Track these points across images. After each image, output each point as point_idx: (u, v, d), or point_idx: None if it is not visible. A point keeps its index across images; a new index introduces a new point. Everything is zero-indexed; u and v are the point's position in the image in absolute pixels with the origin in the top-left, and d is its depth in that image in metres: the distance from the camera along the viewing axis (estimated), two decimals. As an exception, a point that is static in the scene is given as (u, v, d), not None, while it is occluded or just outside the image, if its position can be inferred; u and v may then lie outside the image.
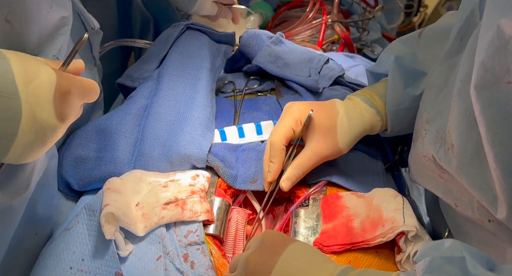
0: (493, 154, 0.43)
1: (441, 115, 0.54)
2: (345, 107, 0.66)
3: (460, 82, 0.49)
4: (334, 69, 0.83)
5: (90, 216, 0.58)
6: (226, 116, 0.78)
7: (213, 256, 0.57)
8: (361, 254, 0.57)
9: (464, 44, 0.54)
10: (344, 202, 0.61)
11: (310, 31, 1.15)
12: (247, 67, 0.87)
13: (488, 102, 0.42)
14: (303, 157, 0.62)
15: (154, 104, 0.71)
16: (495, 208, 0.45)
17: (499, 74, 0.41)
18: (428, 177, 0.58)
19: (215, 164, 0.65)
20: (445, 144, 0.52)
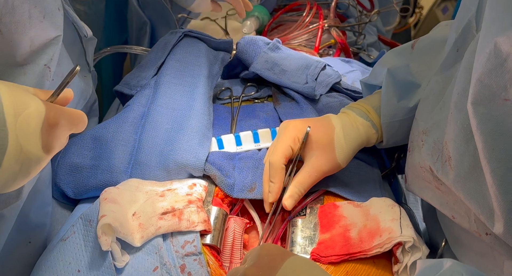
0: (490, 170, 0.43)
1: (438, 127, 0.54)
2: (340, 122, 0.66)
3: (457, 95, 0.50)
4: (331, 76, 0.82)
5: (86, 226, 0.58)
6: (223, 124, 0.77)
7: (210, 266, 0.57)
8: (359, 264, 0.57)
9: (460, 55, 0.54)
10: (341, 211, 0.61)
11: (306, 35, 1.15)
12: (244, 74, 0.87)
13: (485, 118, 0.43)
14: (303, 173, 0.63)
15: (151, 112, 0.70)
16: (492, 222, 0.46)
17: (495, 91, 0.41)
18: (425, 187, 0.58)
19: (212, 173, 0.65)
20: (443, 155, 0.52)
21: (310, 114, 0.76)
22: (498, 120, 0.42)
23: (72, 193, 0.67)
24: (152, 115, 0.70)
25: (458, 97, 0.49)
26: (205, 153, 0.67)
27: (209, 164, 0.66)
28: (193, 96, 0.72)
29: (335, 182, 0.66)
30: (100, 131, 0.69)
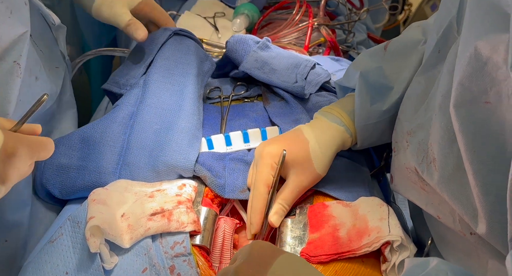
0: (472, 171, 0.44)
1: (423, 128, 0.55)
2: (313, 133, 0.66)
3: (441, 97, 0.50)
4: (321, 75, 0.83)
5: (75, 228, 0.57)
6: (213, 123, 0.77)
7: (199, 267, 0.57)
8: (348, 263, 0.57)
9: (442, 56, 0.55)
10: (330, 211, 0.62)
11: (296, 34, 1.15)
12: (233, 73, 0.87)
13: (467, 120, 0.43)
14: (286, 191, 0.63)
15: (140, 112, 0.70)
16: (475, 223, 0.46)
17: (476, 94, 0.42)
18: (411, 188, 0.59)
19: (203, 174, 0.65)
20: (427, 157, 0.52)
21: (299, 114, 0.76)
22: (479, 122, 0.42)
23: (59, 193, 0.66)
24: (140, 115, 0.70)
25: (442, 99, 0.50)
26: (195, 154, 0.66)
27: (199, 164, 0.66)
28: (182, 95, 0.72)
29: (325, 182, 0.66)
30: (88, 131, 0.69)
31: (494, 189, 0.42)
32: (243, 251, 0.48)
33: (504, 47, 0.38)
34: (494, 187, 0.42)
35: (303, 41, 1.14)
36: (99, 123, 0.69)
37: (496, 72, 0.39)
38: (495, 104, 0.40)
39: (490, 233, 0.44)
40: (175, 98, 0.72)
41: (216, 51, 1.10)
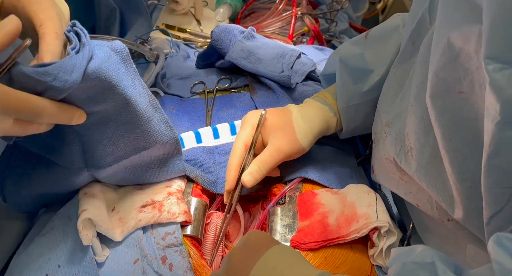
0: (449, 159, 0.45)
1: (399, 118, 0.56)
2: (298, 107, 0.67)
3: (416, 88, 0.51)
4: (306, 64, 0.83)
5: (66, 221, 0.57)
6: (200, 115, 0.77)
7: (191, 257, 0.57)
8: (337, 249, 0.58)
9: (416, 48, 0.56)
10: (319, 199, 0.63)
11: (280, 23, 1.15)
12: (220, 63, 0.86)
13: (442, 110, 0.44)
14: (264, 153, 0.63)
15: None
16: (452, 209, 0.48)
17: (451, 84, 0.43)
18: (390, 178, 0.60)
19: (194, 175, 0.64)
20: (404, 146, 0.54)
21: (286, 103, 0.77)
22: (454, 112, 0.44)
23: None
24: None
25: (417, 90, 0.51)
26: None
27: (189, 165, 0.65)
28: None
29: (313, 169, 0.67)
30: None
31: (469, 176, 0.44)
32: (241, 239, 0.49)
33: (475, 38, 0.39)
34: (469, 173, 0.44)
35: (286, 30, 1.14)
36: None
37: (468, 62, 0.40)
38: (468, 93, 0.42)
39: (466, 218, 0.46)
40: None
41: (200, 41, 1.09)
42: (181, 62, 0.92)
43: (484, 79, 0.38)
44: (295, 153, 0.65)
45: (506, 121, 0.35)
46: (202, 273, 0.56)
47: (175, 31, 1.10)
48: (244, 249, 0.46)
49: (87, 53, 0.47)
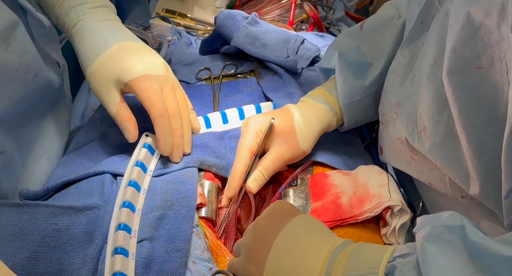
0: (466, 135, 0.46)
1: (410, 99, 0.57)
2: (299, 110, 0.67)
3: (429, 67, 0.52)
4: (311, 49, 0.84)
5: None
6: (207, 101, 0.77)
7: (207, 238, 0.58)
8: (350, 228, 0.59)
9: (425, 27, 0.57)
10: (331, 180, 0.64)
11: (279, 10, 1.15)
12: (225, 48, 0.86)
13: (460, 87, 0.45)
14: (267, 160, 0.63)
15: None
16: (467, 185, 0.49)
17: (469, 60, 0.43)
18: (401, 158, 0.61)
19: (206, 166, 0.64)
20: (417, 126, 0.55)
21: (292, 88, 0.77)
22: (472, 88, 0.44)
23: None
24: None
25: (430, 69, 0.52)
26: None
27: (201, 152, 0.65)
28: None
29: (323, 153, 0.68)
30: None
31: (487, 151, 0.45)
32: (267, 208, 0.50)
33: (496, 11, 0.39)
34: (487, 149, 0.45)
35: (285, 18, 1.15)
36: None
37: (489, 36, 0.41)
38: (487, 69, 0.42)
39: (482, 193, 0.47)
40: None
41: (200, 28, 1.09)
42: (184, 49, 0.92)
43: (505, 52, 0.38)
44: (297, 158, 0.65)
45: None
46: (218, 253, 0.57)
47: (176, 16, 1.09)
48: (269, 218, 0.47)
49: None
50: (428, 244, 0.36)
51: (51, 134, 0.70)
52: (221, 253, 0.57)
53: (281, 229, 0.46)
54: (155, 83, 0.62)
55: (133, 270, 0.51)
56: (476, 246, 0.34)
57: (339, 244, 0.44)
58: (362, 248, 0.43)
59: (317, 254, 0.43)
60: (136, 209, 0.57)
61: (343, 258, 0.42)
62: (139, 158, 0.61)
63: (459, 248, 0.35)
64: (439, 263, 0.34)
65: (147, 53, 0.65)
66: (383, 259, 0.40)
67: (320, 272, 0.42)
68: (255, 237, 0.47)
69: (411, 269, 0.37)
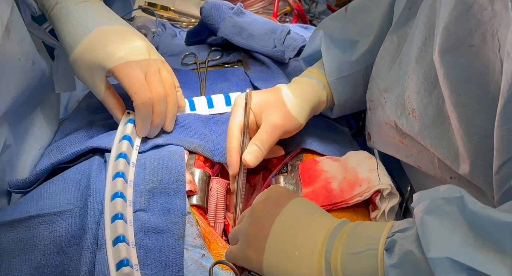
0: (456, 115, 0.47)
1: (398, 83, 0.58)
2: (286, 85, 0.67)
3: (417, 50, 0.53)
4: (297, 39, 0.84)
5: None
6: (194, 88, 0.77)
7: (199, 225, 0.58)
8: (341, 213, 0.60)
9: (412, 13, 0.58)
10: (321, 166, 0.64)
11: (262, 3, 1.15)
12: (211, 39, 0.86)
13: (451, 66, 0.46)
14: (260, 131, 0.62)
15: None
16: (457, 164, 0.50)
17: (461, 38, 0.44)
18: (389, 143, 0.62)
19: (192, 147, 0.64)
20: (405, 109, 0.56)
21: (280, 78, 0.78)
22: (464, 67, 0.45)
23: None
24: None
25: (419, 51, 0.53)
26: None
27: (185, 133, 0.65)
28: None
29: (312, 140, 0.68)
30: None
31: (478, 129, 0.46)
32: (262, 193, 0.50)
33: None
34: (477, 127, 0.46)
35: (269, 10, 1.15)
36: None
37: (481, 13, 0.41)
38: (479, 46, 0.43)
39: (473, 172, 0.48)
40: None
41: (183, 20, 1.08)
42: (169, 40, 0.91)
43: (498, 28, 0.39)
44: (292, 128, 0.63)
45: None
46: (211, 239, 0.57)
47: (158, 9, 1.08)
48: (265, 202, 0.47)
49: None
50: (427, 216, 0.36)
51: (41, 124, 0.69)
52: (213, 240, 0.57)
53: (278, 212, 0.46)
54: (138, 70, 0.61)
55: (133, 235, 0.52)
56: (475, 215, 0.34)
57: (337, 223, 0.45)
58: (360, 226, 0.44)
59: (316, 234, 0.44)
60: (128, 180, 0.56)
61: (342, 236, 0.43)
62: (126, 132, 0.61)
63: (458, 219, 0.35)
64: (439, 234, 0.35)
65: (128, 36, 0.64)
66: (382, 235, 0.40)
67: (320, 252, 0.42)
68: (253, 222, 0.47)
69: (411, 243, 0.37)
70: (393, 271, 0.38)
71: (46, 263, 0.52)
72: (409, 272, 0.37)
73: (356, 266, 0.40)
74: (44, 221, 0.54)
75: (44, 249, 0.52)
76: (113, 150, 0.59)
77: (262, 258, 0.44)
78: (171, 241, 0.52)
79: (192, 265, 0.54)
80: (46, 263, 0.52)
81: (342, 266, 0.41)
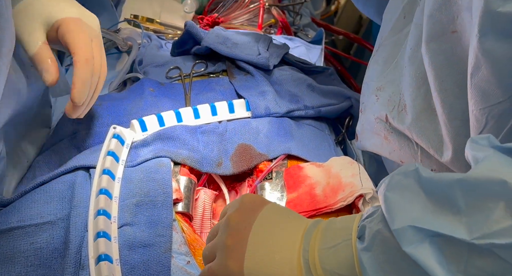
0: (440, 100, 0.48)
1: (393, 83, 0.60)
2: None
3: (410, 50, 0.55)
4: (281, 47, 0.86)
5: None
6: (180, 99, 0.77)
7: (185, 232, 0.58)
8: (325, 217, 0.60)
9: (407, 21, 0.60)
10: (305, 172, 0.65)
11: (247, 15, 1.17)
12: (196, 48, 0.87)
13: (436, 53, 0.48)
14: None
15: None
16: (441, 152, 0.52)
17: (445, 25, 0.46)
18: (375, 139, 0.64)
19: (181, 159, 0.64)
20: (399, 105, 0.58)
21: (265, 86, 0.79)
22: (447, 52, 0.47)
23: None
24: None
25: (411, 51, 0.55)
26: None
27: (173, 146, 0.66)
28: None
29: (296, 146, 0.69)
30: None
31: (459, 114, 0.47)
32: (233, 203, 0.49)
33: None
34: (459, 112, 0.47)
35: (254, 23, 1.17)
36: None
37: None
38: (460, 32, 0.45)
39: (455, 157, 0.50)
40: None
41: (169, 32, 1.09)
42: (155, 51, 0.92)
43: (475, 13, 0.40)
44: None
45: (485, 32, 0.37)
46: (196, 246, 0.57)
47: (144, 22, 1.09)
48: (240, 211, 0.47)
49: None
50: (388, 193, 0.37)
51: (31, 138, 0.68)
52: (198, 247, 0.57)
53: (254, 219, 0.46)
54: (86, 30, 0.58)
55: (117, 252, 0.51)
56: (429, 181, 0.35)
57: (311, 222, 0.46)
58: (333, 221, 0.44)
59: (292, 236, 0.44)
60: (113, 196, 0.56)
61: (317, 234, 0.43)
62: (111, 148, 0.61)
63: (416, 189, 0.36)
64: (400, 207, 0.35)
65: (84, 7, 0.62)
66: (353, 225, 0.41)
67: (298, 252, 0.43)
68: (230, 233, 0.46)
69: (378, 223, 0.38)
70: (366, 254, 0.38)
71: (27, 275, 0.51)
72: (380, 253, 0.37)
73: (333, 259, 0.41)
74: (24, 233, 0.54)
75: (25, 261, 0.52)
76: (98, 166, 0.59)
77: (242, 268, 0.44)
78: (158, 254, 0.52)
79: (177, 272, 0.53)
80: (26, 275, 0.51)
81: (320, 261, 0.41)
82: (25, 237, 0.53)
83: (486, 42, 0.38)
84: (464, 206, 0.32)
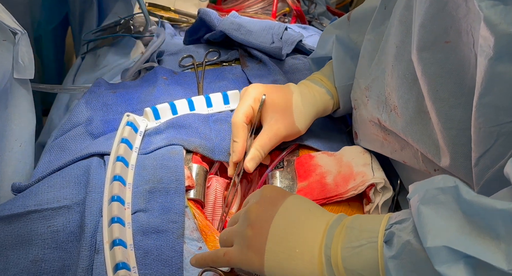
0: (435, 109, 0.48)
1: (377, 81, 0.59)
2: (298, 89, 0.68)
3: (395, 48, 0.54)
4: (294, 35, 0.85)
5: None
6: (193, 88, 0.78)
7: (196, 218, 0.59)
8: (335, 206, 0.61)
9: (388, 12, 0.59)
10: (316, 161, 0.65)
11: (262, 3, 1.17)
12: (209, 34, 0.87)
13: (429, 62, 0.47)
14: (263, 137, 0.64)
15: None
16: (438, 158, 0.51)
17: (437, 35, 0.45)
18: (374, 140, 0.63)
19: (193, 147, 0.65)
20: (387, 106, 0.57)
21: (277, 75, 0.79)
22: (441, 62, 0.46)
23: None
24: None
25: (397, 50, 0.54)
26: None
27: (186, 134, 0.66)
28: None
29: (308, 136, 0.69)
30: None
31: (455, 124, 0.47)
32: (255, 194, 0.50)
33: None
34: (455, 121, 0.47)
35: (268, 11, 1.16)
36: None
37: (456, 10, 0.42)
38: (454, 42, 0.44)
39: (453, 164, 0.49)
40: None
41: (183, 21, 1.09)
42: (168, 39, 0.93)
43: (472, 24, 0.40)
44: (292, 136, 0.66)
45: (498, 56, 0.37)
46: (207, 232, 0.58)
47: (159, 10, 1.10)
48: (260, 203, 0.47)
49: None
50: (423, 207, 0.37)
51: (17, 120, 0.68)
52: (210, 233, 0.58)
53: (275, 212, 0.46)
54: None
55: (131, 237, 0.52)
56: (470, 204, 0.35)
57: (335, 218, 0.45)
58: (358, 220, 0.44)
59: (314, 230, 0.44)
60: (126, 183, 0.57)
61: (340, 231, 0.43)
62: (124, 135, 0.62)
63: (453, 208, 0.35)
64: (435, 224, 0.35)
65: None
66: (380, 228, 0.40)
67: (320, 248, 0.43)
68: (251, 223, 0.46)
69: (409, 233, 0.37)
70: (393, 262, 0.38)
71: (44, 257, 0.53)
72: (408, 262, 0.37)
73: (357, 260, 0.41)
74: (41, 216, 0.55)
75: (42, 244, 0.53)
76: (112, 153, 0.60)
77: (263, 260, 0.44)
78: (171, 240, 0.53)
79: (189, 258, 0.54)
80: (43, 258, 0.53)
81: (343, 260, 0.41)
82: (43, 220, 0.55)
83: (500, 65, 0.37)
84: (504, 232, 0.32)
